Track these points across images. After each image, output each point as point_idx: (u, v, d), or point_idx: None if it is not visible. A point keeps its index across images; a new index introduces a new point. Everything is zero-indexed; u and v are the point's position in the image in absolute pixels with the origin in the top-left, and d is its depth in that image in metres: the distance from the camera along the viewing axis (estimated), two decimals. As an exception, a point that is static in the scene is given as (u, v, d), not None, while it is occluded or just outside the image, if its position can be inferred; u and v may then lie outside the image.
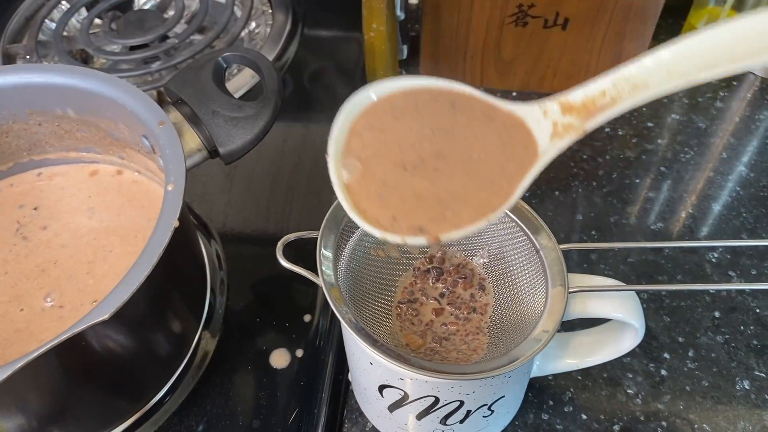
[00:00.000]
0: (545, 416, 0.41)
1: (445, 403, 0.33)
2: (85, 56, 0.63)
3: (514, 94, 0.60)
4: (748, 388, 0.42)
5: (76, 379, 0.34)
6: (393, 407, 0.36)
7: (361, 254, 0.36)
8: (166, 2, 0.66)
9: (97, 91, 0.38)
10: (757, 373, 0.42)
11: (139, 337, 0.36)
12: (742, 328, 0.44)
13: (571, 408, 0.41)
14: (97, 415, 0.38)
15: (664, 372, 0.42)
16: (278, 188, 0.52)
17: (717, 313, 0.45)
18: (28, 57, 0.61)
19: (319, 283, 0.32)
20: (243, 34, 0.63)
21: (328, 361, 0.42)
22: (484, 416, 0.35)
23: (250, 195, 0.51)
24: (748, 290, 0.46)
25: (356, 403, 0.41)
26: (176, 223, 0.32)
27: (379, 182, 0.27)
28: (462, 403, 0.33)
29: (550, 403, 0.41)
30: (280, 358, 0.42)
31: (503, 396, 0.35)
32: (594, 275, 0.34)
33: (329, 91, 0.59)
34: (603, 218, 0.51)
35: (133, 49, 0.61)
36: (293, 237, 0.36)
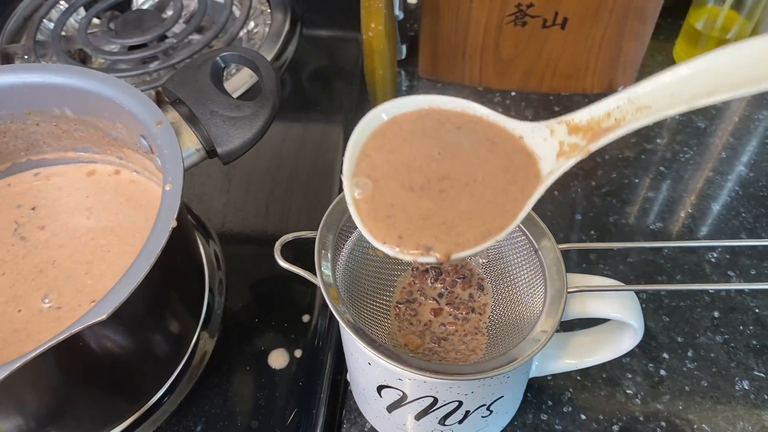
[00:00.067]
0: (544, 416, 0.41)
1: (444, 403, 0.33)
2: (83, 56, 0.63)
3: (513, 93, 0.60)
4: (747, 388, 0.42)
5: (74, 380, 0.34)
6: (392, 407, 0.36)
7: (360, 254, 0.36)
8: (165, 2, 0.66)
9: (95, 91, 0.38)
10: (757, 373, 0.42)
11: (137, 338, 0.36)
12: (741, 328, 0.44)
13: (570, 408, 0.41)
14: (95, 416, 0.38)
15: (663, 372, 0.42)
16: (277, 188, 0.51)
17: (716, 313, 0.45)
18: (26, 57, 0.60)
19: (318, 283, 0.32)
20: (241, 34, 0.63)
21: (327, 362, 0.42)
22: (482, 416, 0.35)
23: (248, 195, 0.51)
24: (747, 290, 0.46)
25: (355, 403, 0.41)
26: (174, 224, 0.32)
27: (387, 203, 0.28)
28: (461, 403, 0.33)
29: (549, 403, 0.41)
30: (278, 359, 0.42)
31: (502, 396, 0.35)
32: (593, 275, 0.34)
33: (328, 91, 0.59)
34: (602, 218, 0.51)
35: (132, 48, 0.61)
36: (291, 237, 0.36)
